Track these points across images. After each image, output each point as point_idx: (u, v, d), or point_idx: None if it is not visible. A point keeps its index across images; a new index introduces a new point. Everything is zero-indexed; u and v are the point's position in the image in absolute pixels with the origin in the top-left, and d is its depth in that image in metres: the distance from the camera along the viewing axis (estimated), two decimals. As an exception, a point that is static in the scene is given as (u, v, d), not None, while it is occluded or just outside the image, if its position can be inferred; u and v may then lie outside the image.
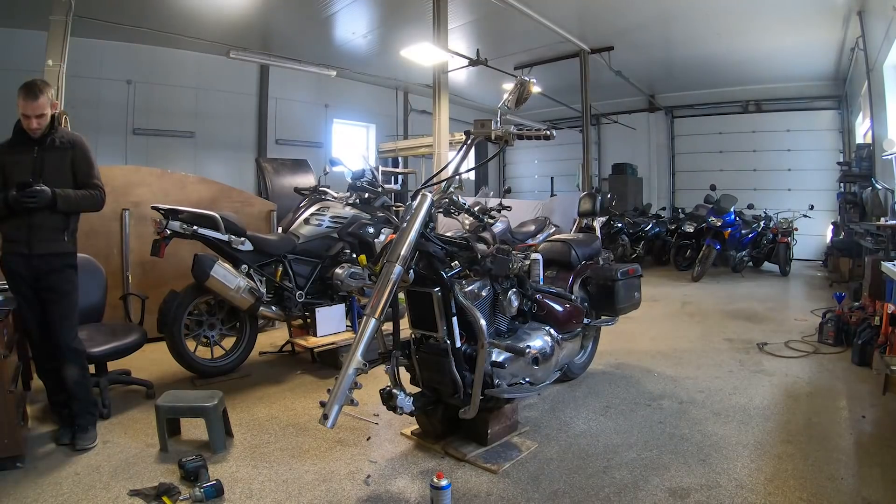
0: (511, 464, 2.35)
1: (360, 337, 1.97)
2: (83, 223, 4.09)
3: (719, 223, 7.66)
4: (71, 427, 2.56)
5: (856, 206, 6.97)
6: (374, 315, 1.99)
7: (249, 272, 3.54)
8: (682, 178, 12.36)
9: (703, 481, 2.19)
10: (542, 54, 9.19)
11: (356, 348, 1.95)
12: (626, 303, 3.43)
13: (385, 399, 2.25)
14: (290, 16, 7.50)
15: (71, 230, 2.58)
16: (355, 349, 1.95)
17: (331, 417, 1.87)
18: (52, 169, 2.49)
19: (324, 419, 1.86)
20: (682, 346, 4.30)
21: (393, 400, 2.22)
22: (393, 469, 2.35)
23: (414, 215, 2.15)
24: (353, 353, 1.94)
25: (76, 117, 5.10)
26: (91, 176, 2.59)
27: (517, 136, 2.36)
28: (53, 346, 2.51)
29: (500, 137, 2.34)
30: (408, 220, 2.15)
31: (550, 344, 2.71)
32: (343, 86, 10.26)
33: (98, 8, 6.36)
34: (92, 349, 2.86)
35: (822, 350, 4.10)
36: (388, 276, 2.04)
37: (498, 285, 2.49)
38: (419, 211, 2.16)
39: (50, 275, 2.49)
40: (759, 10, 7.03)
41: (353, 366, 1.93)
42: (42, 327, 2.52)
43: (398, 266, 2.04)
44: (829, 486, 2.14)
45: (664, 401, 3.11)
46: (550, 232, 6.39)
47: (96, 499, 2.08)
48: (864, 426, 2.74)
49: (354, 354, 1.94)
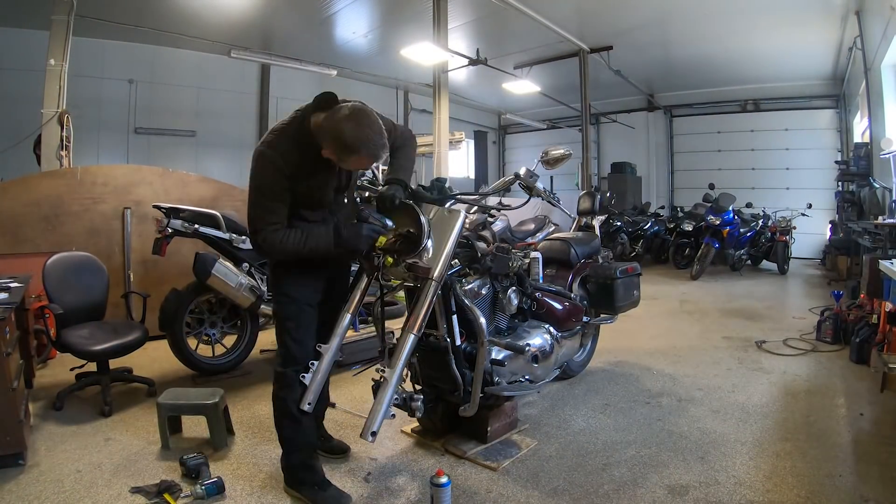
0: (511, 461, 2.36)
1: (400, 353, 1.96)
2: (84, 222, 4.18)
3: (718, 222, 7.67)
4: None
5: (854, 204, 6.99)
6: (413, 331, 1.98)
7: (251, 270, 3.55)
8: (680, 176, 12.38)
9: (702, 478, 2.20)
10: (542, 54, 9.21)
11: (397, 363, 1.94)
12: (625, 301, 3.44)
13: (401, 403, 2.19)
14: (290, 15, 7.51)
15: None
16: (396, 364, 1.94)
17: (377, 432, 1.88)
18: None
19: (372, 436, 1.86)
20: (681, 344, 4.31)
21: (411, 403, 2.18)
22: (393, 466, 2.36)
23: (449, 232, 2.08)
24: (395, 369, 1.93)
25: (78, 117, 5.12)
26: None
27: (541, 197, 2.65)
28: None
29: (532, 189, 2.57)
30: (443, 235, 2.08)
31: (550, 342, 2.72)
32: (343, 85, 10.23)
33: (100, 7, 6.37)
34: (94, 347, 2.89)
35: (821, 348, 4.11)
36: (427, 292, 2.01)
37: (498, 283, 2.51)
38: (453, 227, 2.09)
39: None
40: (758, 9, 7.04)
41: (396, 381, 1.93)
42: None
43: (435, 283, 2.02)
44: (827, 484, 2.15)
45: (663, 398, 3.12)
46: (550, 230, 6.41)
47: (98, 496, 2.09)
48: (862, 424, 2.75)
49: (396, 369, 1.93)
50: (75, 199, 4.16)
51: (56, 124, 4.76)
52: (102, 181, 4.29)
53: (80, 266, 3.22)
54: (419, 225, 2.00)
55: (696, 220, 8.38)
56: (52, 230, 4.04)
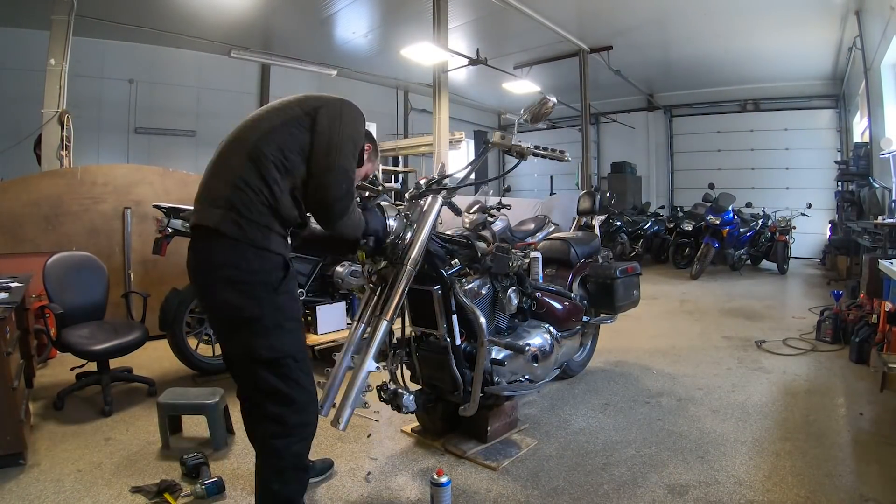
0: (510, 461, 2.36)
1: (372, 339, 1.95)
2: (85, 222, 4.18)
3: (718, 221, 7.68)
4: None
5: (853, 204, 6.99)
6: (385, 317, 1.97)
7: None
8: (680, 176, 12.38)
9: (702, 478, 2.21)
10: (542, 54, 9.21)
11: (368, 351, 1.93)
12: (625, 301, 3.44)
13: (390, 398, 2.24)
14: (290, 15, 7.52)
15: None
16: (367, 351, 1.93)
17: (343, 421, 1.86)
18: None
19: (336, 422, 1.85)
20: (681, 343, 4.31)
21: (398, 399, 2.21)
22: (393, 466, 2.36)
23: (424, 217, 2.11)
24: (366, 356, 1.92)
25: (78, 116, 5.13)
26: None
27: (533, 154, 2.32)
28: None
29: (519, 152, 2.25)
30: (418, 221, 2.12)
31: (550, 342, 2.72)
32: (343, 85, 10.26)
33: (100, 7, 6.38)
34: (94, 347, 2.88)
35: (820, 348, 4.12)
36: (400, 277, 2.01)
37: (498, 283, 2.51)
38: (430, 212, 2.12)
39: None
40: (758, 9, 7.04)
41: (367, 368, 1.91)
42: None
43: (410, 268, 2.02)
44: (826, 483, 2.15)
45: (663, 398, 3.12)
46: (550, 230, 6.41)
47: (98, 496, 2.09)
48: (862, 423, 2.75)
49: (367, 357, 1.92)
50: (75, 199, 4.16)
51: (56, 124, 4.77)
52: (103, 181, 4.29)
53: (80, 266, 3.22)
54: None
55: (696, 220, 8.39)
56: (52, 230, 4.05)
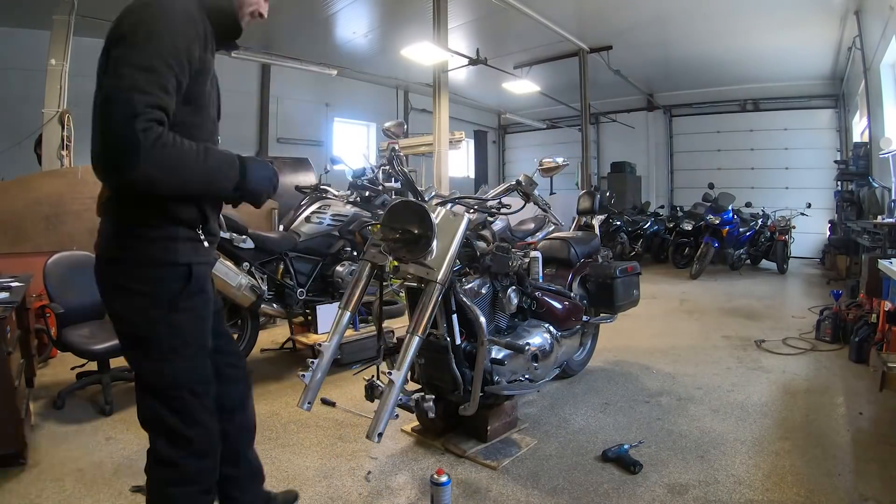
0: (510, 460, 2.37)
1: (405, 355, 1.95)
2: (85, 221, 4.17)
3: (717, 221, 7.68)
4: None
5: (853, 204, 7.00)
6: (417, 333, 1.97)
7: (251, 270, 3.55)
8: (680, 176, 12.38)
9: (702, 477, 2.21)
10: (542, 53, 9.21)
11: (401, 365, 1.93)
12: (625, 300, 3.45)
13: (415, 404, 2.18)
14: (291, 15, 7.51)
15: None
16: (400, 366, 1.92)
17: (377, 433, 1.84)
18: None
19: (378, 437, 1.83)
20: (681, 343, 4.32)
21: (422, 404, 2.15)
22: (393, 465, 2.37)
23: (453, 236, 2.08)
24: (400, 370, 1.91)
25: (79, 116, 5.12)
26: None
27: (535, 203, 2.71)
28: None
29: (533, 200, 2.65)
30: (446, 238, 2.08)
31: (550, 341, 2.73)
32: (344, 85, 10.27)
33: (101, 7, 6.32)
34: (94, 346, 2.89)
35: (820, 347, 4.12)
36: (431, 295, 2.01)
37: (497, 283, 2.51)
38: (457, 231, 2.09)
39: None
40: (757, 9, 7.05)
41: (401, 382, 1.91)
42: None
43: (440, 286, 2.01)
44: (826, 483, 2.15)
45: (662, 397, 3.13)
46: (550, 230, 6.41)
47: (99, 495, 2.09)
48: (862, 423, 2.76)
49: (402, 371, 1.91)
50: (76, 199, 4.16)
51: (57, 124, 4.77)
52: (103, 181, 4.29)
53: (81, 265, 3.21)
54: (428, 226, 1.98)
55: (696, 220, 8.39)
56: (53, 229, 4.05)
